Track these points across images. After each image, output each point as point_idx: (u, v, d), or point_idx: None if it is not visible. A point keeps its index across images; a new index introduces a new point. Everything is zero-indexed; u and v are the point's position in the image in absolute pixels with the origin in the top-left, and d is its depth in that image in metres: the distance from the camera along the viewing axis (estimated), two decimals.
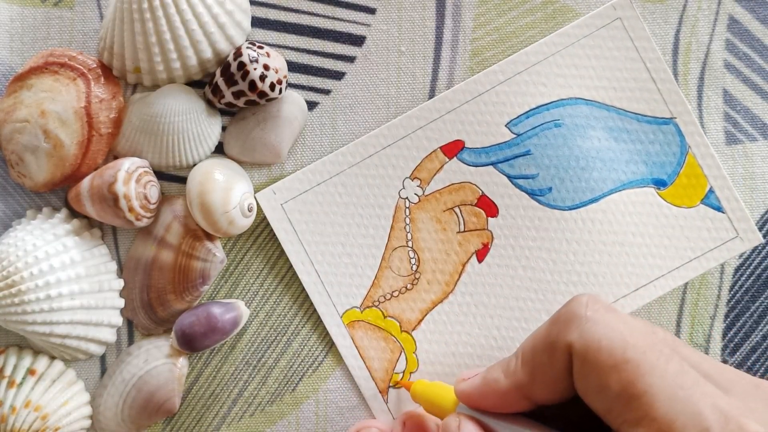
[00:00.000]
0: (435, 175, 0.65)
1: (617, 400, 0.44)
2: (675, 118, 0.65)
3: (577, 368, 0.46)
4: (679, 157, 0.65)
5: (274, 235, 0.65)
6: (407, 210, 0.65)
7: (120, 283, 0.65)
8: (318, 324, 0.65)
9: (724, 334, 0.66)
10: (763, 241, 0.65)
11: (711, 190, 0.65)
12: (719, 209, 0.65)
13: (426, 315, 0.65)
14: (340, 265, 0.65)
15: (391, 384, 0.65)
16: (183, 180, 0.65)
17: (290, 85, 0.66)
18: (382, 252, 0.65)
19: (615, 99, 0.65)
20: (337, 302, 0.65)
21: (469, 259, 0.65)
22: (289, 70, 0.66)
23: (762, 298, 0.66)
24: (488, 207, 0.65)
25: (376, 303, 0.65)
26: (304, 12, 0.66)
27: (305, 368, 0.65)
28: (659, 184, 0.65)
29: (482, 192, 0.65)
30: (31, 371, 0.63)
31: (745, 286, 0.66)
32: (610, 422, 0.45)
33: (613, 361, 0.44)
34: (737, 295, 0.66)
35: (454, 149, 0.65)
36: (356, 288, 0.65)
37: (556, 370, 0.47)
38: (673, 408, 0.43)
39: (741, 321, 0.66)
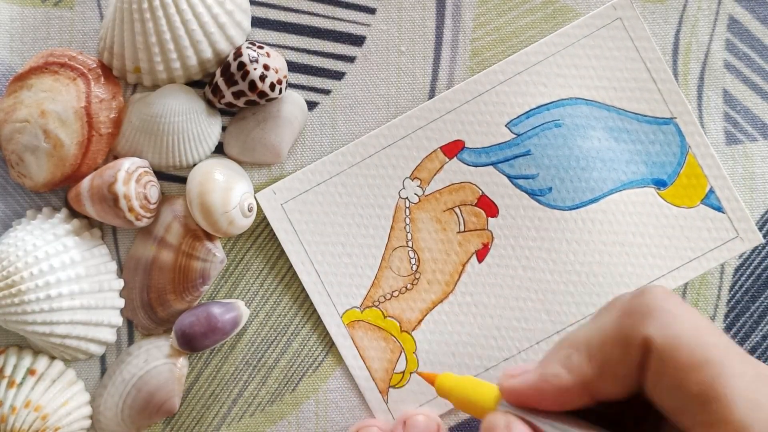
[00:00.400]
0: (435, 175, 0.65)
1: (693, 400, 0.43)
2: (675, 118, 0.65)
3: (654, 364, 0.44)
4: (680, 157, 0.65)
5: (274, 235, 0.65)
6: (407, 210, 0.65)
7: (120, 283, 0.65)
8: (318, 324, 0.65)
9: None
10: (763, 241, 0.65)
11: (711, 190, 0.65)
12: (719, 209, 0.65)
13: (426, 315, 0.65)
14: (340, 265, 0.65)
15: (391, 385, 0.65)
16: (183, 180, 0.65)
17: (290, 85, 0.66)
18: (382, 252, 0.65)
19: (615, 99, 0.65)
20: (337, 302, 0.65)
21: (469, 259, 0.65)
22: (289, 70, 0.66)
23: (762, 299, 0.66)
24: (488, 207, 0.65)
25: (376, 303, 0.65)
26: (304, 12, 0.66)
27: (305, 368, 0.65)
28: (659, 184, 0.65)
29: (482, 192, 0.65)
30: (31, 371, 0.63)
31: (745, 286, 0.66)
32: (681, 422, 0.44)
33: (695, 360, 0.42)
34: (737, 295, 0.66)
35: (454, 149, 0.65)
36: (356, 288, 0.65)
37: (629, 364, 0.45)
38: (751, 413, 0.41)
39: (741, 321, 0.66)
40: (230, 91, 0.63)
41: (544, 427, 0.48)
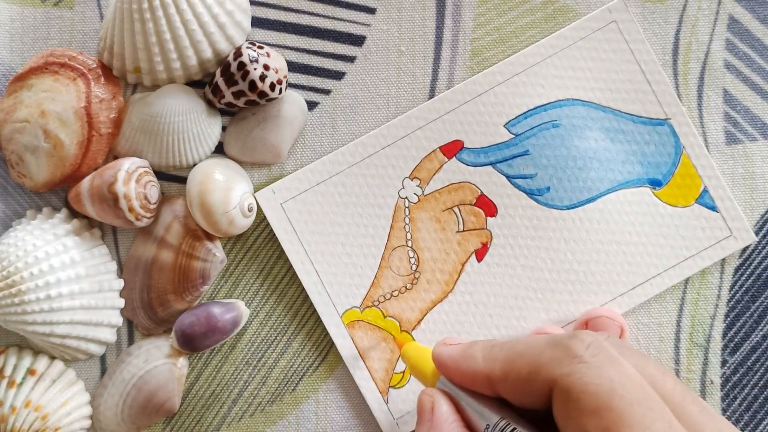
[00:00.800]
0: (434, 174, 0.65)
1: None
2: (669, 119, 0.65)
3: (557, 404, 0.45)
4: (674, 157, 0.65)
5: (274, 235, 0.65)
6: (407, 210, 0.65)
7: (120, 283, 0.65)
8: (318, 324, 0.65)
9: (724, 334, 0.66)
10: (755, 239, 0.65)
11: (705, 190, 0.65)
12: (713, 208, 0.65)
13: (426, 314, 0.65)
14: (340, 265, 0.65)
15: (391, 385, 0.65)
16: (183, 180, 0.65)
17: (290, 85, 0.66)
18: (382, 252, 0.65)
19: (611, 100, 0.65)
20: (337, 302, 0.65)
21: (469, 258, 0.65)
22: (289, 70, 0.66)
23: (762, 298, 0.66)
24: (487, 206, 0.65)
25: (376, 303, 0.65)
26: (304, 12, 0.66)
27: (305, 368, 0.65)
28: (655, 183, 0.65)
29: (481, 192, 0.65)
30: (31, 371, 0.63)
31: (746, 285, 0.66)
32: None
33: (596, 406, 0.43)
34: (737, 294, 0.66)
35: (453, 149, 0.65)
36: (356, 288, 0.65)
37: (531, 389, 0.46)
38: None
39: (741, 321, 0.66)
40: (230, 91, 0.63)
41: (469, 409, 0.50)
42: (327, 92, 0.66)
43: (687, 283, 0.66)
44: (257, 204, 0.65)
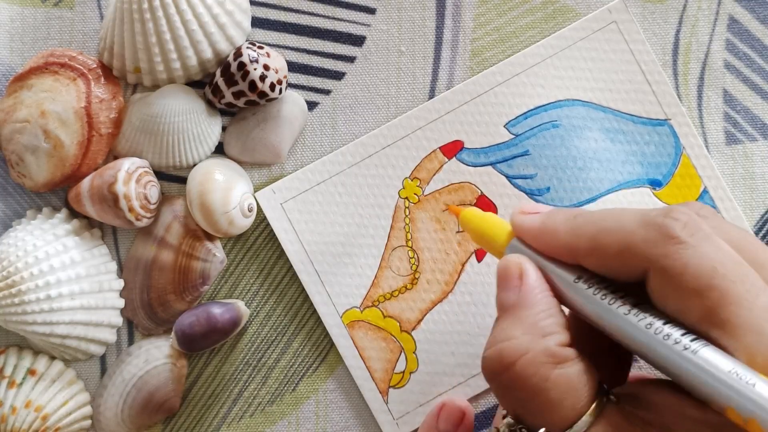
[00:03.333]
0: (434, 175, 0.65)
1: (696, 326, 0.42)
2: (670, 119, 0.65)
3: (655, 285, 0.43)
4: (674, 157, 0.65)
5: (274, 235, 0.65)
6: (407, 210, 0.65)
7: (120, 284, 0.65)
8: (318, 324, 0.65)
9: None
10: None
11: (705, 190, 0.65)
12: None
13: (426, 315, 0.65)
14: (340, 265, 0.65)
15: (391, 385, 0.65)
16: (183, 180, 0.65)
17: (290, 85, 0.66)
18: (382, 252, 0.65)
19: (611, 100, 0.65)
20: (337, 302, 0.65)
21: (469, 258, 0.65)
22: (289, 70, 0.66)
23: None
24: (487, 207, 0.65)
25: (376, 303, 0.65)
26: (304, 12, 0.66)
27: (305, 368, 0.65)
28: (655, 184, 0.65)
29: (481, 192, 0.65)
30: (31, 371, 0.63)
31: None
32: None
33: (697, 286, 0.41)
34: None
35: (453, 149, 0.65)
36: (356, 288, 0.65)
37: (622, 267, 0.45)
38: (756, 342, 0.40)
39: None
40: (230, 91, 0.63)
41: (552, 275, 0.48)
42: (327, 92, 0.66)
43: None
44: (257, 204, 0.65)
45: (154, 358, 0.64)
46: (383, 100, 0.66)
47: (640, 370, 0.61)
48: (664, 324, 0.43)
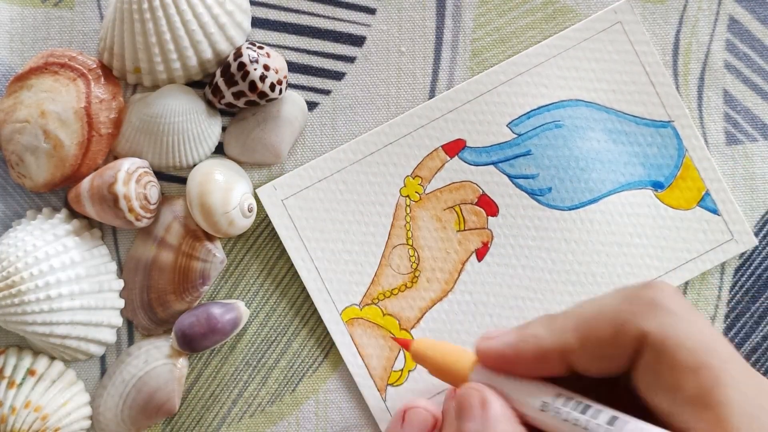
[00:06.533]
0: (436, 173, 0.65)
1: (688, 404, 0.41)
2: (673, 121, 0.65)
3: (647, 361, 0.43)
4: (676, 159, 0.65)
5: (275, 235, 0.65)
6: (408, 208, 0.65)
7: (120, 284, 0.65)
8: (318, 324, 0.65)
9: (725, 335, 0.66)
10: (756, 243, 0.66)
11: (707, 193, 0.65)
12: (715, 212, 0.65)
13: (425, 313, 0.65)
14: (340, 262, 0.65)
15: (389, 383, 0.65)
16: (183, 180, 0.65)
17: (290, 86, 0.66)
18: (382, 250, 0.65)
19: (614, 101, 0.65)
20: (337, 299, 0.65)
21: (469, 257, 0.65)
22: (289, 70, 0.66)
23: (762, 299, 0.66)
24: (488, 206, 0.65)
25: (376, 301, 0.65)
26: (304, 12, 0.66)
27: (305, 369, 0.65)
28: (657, 186, 0.65)
29: (483, 191, 0.65)
30: (31, 371, 0.63)
31: (746, 286, 0.66)
32: (670, 423, 0.42)
33: (694, 364, 0.41)
34: (737, 295, 0.66)
35: (455, 148, 0.65)
36: (356, 285, 0.65)
37: (616, 349, 0.44)
38: (749, 426, 0.40)
39: (741, 321, 0.66)
40: (230, 91, 0.63)
41: (511, 395, 0.47)
42: (327, 92, 0.66)
43: (687, 284, 0.66)
44: (258, 201, 0.65)
45: (153, 358, 0.64)
46: (383, 100, 0.66)
47: None
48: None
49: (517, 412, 0.47)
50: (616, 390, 0.47)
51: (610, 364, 0.45)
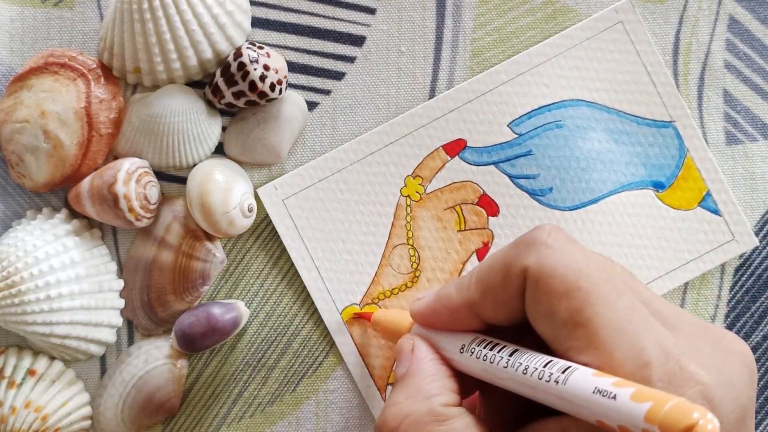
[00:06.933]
0: (436, 173, 0.65)
1: (564, 326, 0.44)
2: (674, 121, 0.65)
3: (529, 292, 0.46)
4: (678, 160, 0.65)
5: (275, 235, 0.65)
6: (408, 208, 0.65)
7: (120, 284, 0.65)
8: (318, 324, 0.65)
9: None
10: (758, 243, 0.66)
11: (708, 194, 0.65)
12: (716, 212, 0.65)
13: None
14: (341, 262, 0.65)
15: (389, 382, 0.65)
16: (183, 180, 0.65)
17: (290, 86, 0.66)
18: (383, 249, 0.65)
19: (616, 101, 0.65)
20: (337, 299, 0.65)
21: (470, 257, 0.65)
22: (289, 70, 0.66)
23: (762, 299, 0.66)
24: (489, 206, 0.65)
25: (376, 300, 0.65)
26: (304, 12, 0.66)
27: (305, 369, 0.65)
28: (658, 186, 0.65)
29: (483, 191, 0.65)
30: (31, 371, 0.63)
31: (746, 286, 0.66)
32: (556, 348, 0.45)
33: (565, 288, 0.44)
34: (737, 295, 0.66)
35: (456, 148, 0.65)
36: (356, 285, 0.65)
37: (508, 291, 0.47)
38: (616, 340, 0.42)
39: (741, 321, 0.66)
40: (230, 91, 0.63)
41: (447, 346, 0.51)
42: (327, 92, 0.66)
43: (687, 284, 0.66)
44: (258, 201, 0.65)
45: (153, 358, 0.64)
46: (383, 100, 0.66)
47: None
48: (539, 363, 0.45)
49: (443, 357, 0.52)
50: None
51: (510, 308, 0.48)
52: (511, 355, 0.46)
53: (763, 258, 0.66)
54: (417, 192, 0.65)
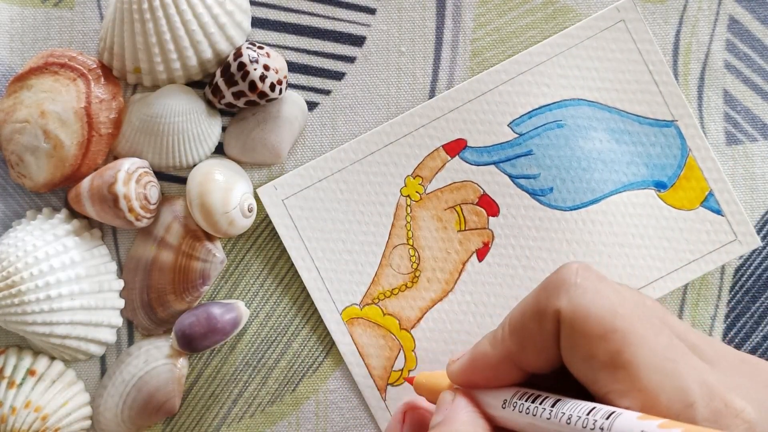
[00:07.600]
0: (437, 173, 0.65)
1: (603, 369, 0.43)
2: (676, 120, 0.65)
3: (564, 336, 0.45)
4: (680, 159, 0.65)
5: (275, 235, 0.65)
6: (408, 208, 0.65)
7: (120, 284, 0.65)
8: (318, 324, 0.65)
9: (725, 335, 0.66)
10: (761, 244, 0.66)
11: (711, 193, 0.65)
12: (719, 212, 0.65)
13: (425, 313, 0.65)
14: (341, 262, 0.65)
15: (389, 383, 0.65)
16: (183, 180, 0.65)
17: (290, 86, 0.66)
18: (383, 249, 0.65)
19: (617, 101, 0.65)
20: (337, 299, 0.65)
21: (470, 257, 0.65)
22: (289, 70, 0.66)
23: (762, 299, 0.66)
24: (489, 206, 0.65)
25: (376, 300, 0.65)
26: (304, 12, 0.66)
27: (305, 369, 0.65)
28: (659, 186, 0.65)
29: (483, 191, 0.65)
30: (31, 372, 0.63)
31: (746, 286, 0.66)
32: (595, 392, 0.44)
33: (602, 330, 0.43)
34: (738, 295, 0.66)
35: (456, 148, 0.65)
36: (356, 285, 0.65)
37: (544, 337, 0.46)
38: (659, 381, 0.42)
39: (741, 321, 0.66)
40: (230, 91, 0.63)
41: (490, 402, 0.50)
42: (327, 93, 0.66)
43: (687, 285, 0.66)
44: (258, 201, 0.65)
45: (153, 358, 0.64)
46: (383, 100, 0.66)
47: None
48: (582, 411, 0.44)
49: (486, 414, 0.50)
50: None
51: (549, 353, 0.46)
52: (553, 406, 0.45)
53: (763, 258, 0.66)
54: (417, 192, 0.65)
